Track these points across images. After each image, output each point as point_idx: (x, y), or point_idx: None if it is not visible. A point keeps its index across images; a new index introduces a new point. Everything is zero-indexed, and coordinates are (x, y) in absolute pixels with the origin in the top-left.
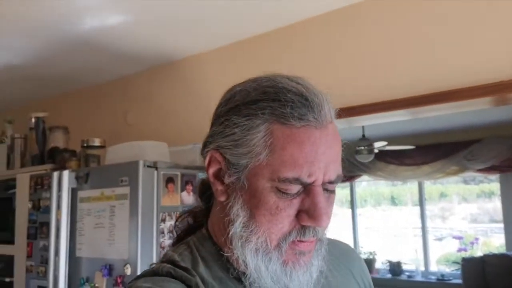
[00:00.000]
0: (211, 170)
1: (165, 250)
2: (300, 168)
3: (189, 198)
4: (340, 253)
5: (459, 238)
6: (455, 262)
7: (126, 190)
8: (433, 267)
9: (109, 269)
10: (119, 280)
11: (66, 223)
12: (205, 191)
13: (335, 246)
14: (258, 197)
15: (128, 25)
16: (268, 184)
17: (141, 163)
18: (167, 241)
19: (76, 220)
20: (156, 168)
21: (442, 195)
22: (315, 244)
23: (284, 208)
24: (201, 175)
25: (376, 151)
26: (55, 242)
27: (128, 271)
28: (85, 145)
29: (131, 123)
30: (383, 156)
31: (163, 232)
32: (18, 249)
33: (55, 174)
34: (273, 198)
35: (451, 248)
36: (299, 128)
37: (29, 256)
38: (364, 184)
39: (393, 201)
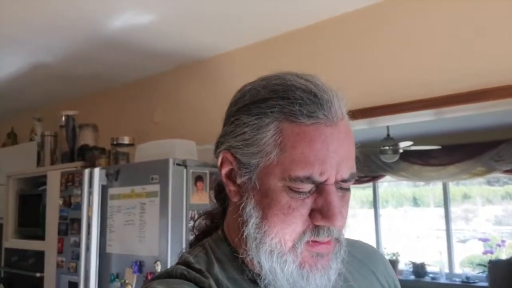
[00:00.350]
0: (224, 171)
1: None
2: (311, 167)
3: None
4: (362, 255)
5: (485, 240)
6: (480, 265)
7: (156, 187)
8: (457, 269)
9: (140, 265)
10: (149, 277)
11: (97, 220)
12: (220, 192)
13: (358, 248)
14: (270, 196)
15: (156, 24)
16: (280, 183)
17: (171, 161)
18: None
19: (106, 217)
20: (186, 167)
21: (466, 197)
22: (334, 246)
23: (297, 207)
24: None
25: (401, 151)
26: (86, 238)
27: (159, 268)
28: (114, 143)
29: (157, 121)
30: (407, 156)
31: (192, 230)
32: (48, 245)
33: (86, 171)
34: (285, 198)
35: (476, 250)
36: (309, 126)
37: (60, 252)
38: (386, 184)
39: (415, 202)
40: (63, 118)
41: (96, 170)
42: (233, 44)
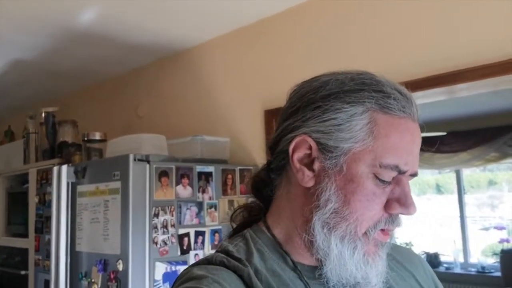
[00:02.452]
0: (297, 155)
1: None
2: (400, 156)
3: (185, 191)
4: (401, 256)
5: (502, 228)
6: (496, 254)
7: (117, 184)
8: (477, 259)
9: (104, 264)
10: (112, 276)
11: (66, 218)
12: (258, 186)
13: (398, 251)
14: (356, 182)
15: (132, 17)
16: (368, 169)
17: (131, 156)
18: (160, 236)
19: (76, 215)
20: (148, 162)
21: (491, 183)
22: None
23: (379, 195)
24: (199, 168)
25: None
26: (56, 237)
27: (121, 266)
28: (85, 138)
29: (142, 115)
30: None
31: (156, 227)
32: (30, 243)
33: (55, 169)
34: (371, 184)
35: (495, 239)
36: (401, 119)
37: (37, 250)
38: None
39: (439, 189)
40: (43, 115)
41: (64, 168)
42: (211, 34)
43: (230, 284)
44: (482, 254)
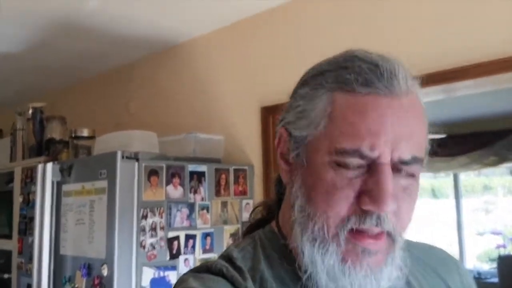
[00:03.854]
0: (279, 150)
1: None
2: (360, 139)
3: (175, 192)
4: (432, 260)
5: (498, 233)
6: (492, 260)
7: (104, 183)
8: (474, 264)
9: (88, 268)
10: (96, 282)
11: (50, 219)
12: (280, 181)
13: (427, 251)
14: (316, 173)
15: (122, 9)
16: (327, 158)
17: (119, 154)
18: (148, 239)
19: (60, 216)
20: (137, 160)
21: (486, 188)
22: (386, 244)
23: (342, 187)
24: (191, 167)
25: None
26: (39, 239)
27: (105, 271)
28: (73, 135)
29: (133, 112)
30: None
31: (144, 230)
32: (14, 245)
33: (40, 167)
34: (330, 174)
35: (491, 244)
36: (364, 96)
37: (20, 252)
38: None
39: (434, 193)
40: (30, 111)
41: (49, 165)
42: (205, 28)
43: None
44: (477, 259)
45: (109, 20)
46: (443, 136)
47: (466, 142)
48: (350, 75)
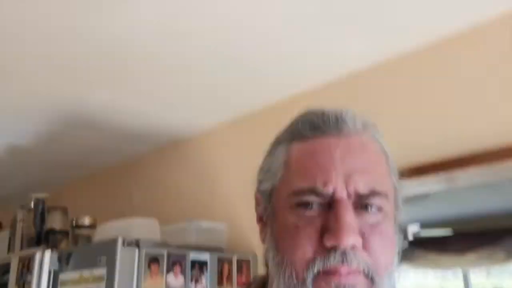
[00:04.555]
0: (256, 214)
1: None
2: (313, 177)
3: (176, 281)
4: None
5: None
6: None
7: (102, 271)
8: None
9: None
10: None
11: None
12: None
13: None
14: (280, 220)
15: (131, 103)
16: (287, 202)
17: (119, 240)
18: None
19: None
20: (138, 247)
21: None
22: (364, 282)
23: (304, 226)
24: (193, 256)
25: (410, 238)
26: None
27: None
28: (74, 225)
29: (136, 203)
30: (421, 243)
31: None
32: None
33: (37, 255)
34: (292, 217)
35: None
36: (314, 139)
37: None
38: (411, 275)
39: None
40: (32, 202)
41: (47, 254)
42: (211, 122)
43: None
44: None
45: (116, 113)
46: (450, 235)
47: (475, 238)
48: (300, 124)
